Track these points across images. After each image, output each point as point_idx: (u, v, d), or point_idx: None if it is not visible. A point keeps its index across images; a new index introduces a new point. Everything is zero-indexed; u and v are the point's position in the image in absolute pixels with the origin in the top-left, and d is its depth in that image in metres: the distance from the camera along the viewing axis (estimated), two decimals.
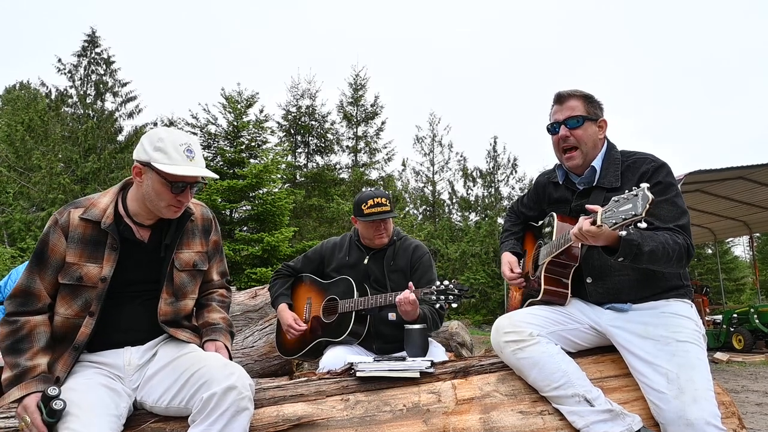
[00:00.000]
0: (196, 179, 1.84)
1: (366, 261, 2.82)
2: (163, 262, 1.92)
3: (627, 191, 1.60)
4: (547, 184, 2.34)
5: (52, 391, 1.59)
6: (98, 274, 1.79)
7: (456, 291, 2.35)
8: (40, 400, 1.60)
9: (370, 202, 2.72)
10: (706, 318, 11.00)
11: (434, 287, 2.38)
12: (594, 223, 1.68)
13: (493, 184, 27.21)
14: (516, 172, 27.22)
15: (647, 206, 1.51)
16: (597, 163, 2.11)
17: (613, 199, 1.63)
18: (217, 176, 2.02)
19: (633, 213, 1.53)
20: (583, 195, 2.14)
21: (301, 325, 2.80)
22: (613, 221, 1.59)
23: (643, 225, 1.53)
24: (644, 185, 1.55)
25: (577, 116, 2.08)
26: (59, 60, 18.18)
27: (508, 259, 2.39)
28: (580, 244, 1.92)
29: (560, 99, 2.14)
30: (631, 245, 1.70)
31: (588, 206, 1.73)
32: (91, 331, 1.77)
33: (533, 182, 2.48)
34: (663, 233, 1.81)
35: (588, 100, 2.12)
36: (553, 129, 2.14)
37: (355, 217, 2.83)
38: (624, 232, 1.59)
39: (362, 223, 2.78)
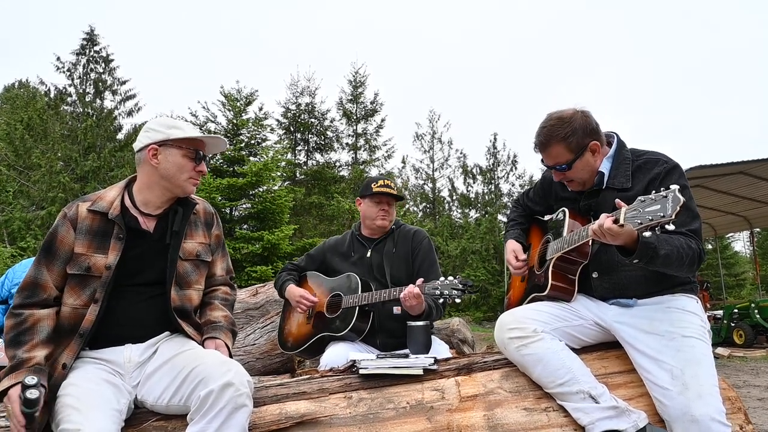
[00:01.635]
0: (209, 147, 2.02)
1: (368, 254, 2.84)
2: (169, 251, 1.94)
3: (654, 192, 1.55)
4: (554, 181, 2.32)
5: (29, 380, 1.53)
6: (105, 264, 1.81)
7: (460, 286, 2.35)
8: (21, 390, 1.56)
9: (381, 182, 2.83)
10: (707, 313, 11.02)
11: (438, 282, 2.37)
12: (616, 221, 1.64)
13: (493, 181, 27.22)
14: (516, 168, 27.27)
15: (678, 209, 1.47)
16: (605, 166, 2.05)
17: (638, 198, 1.58)
18: (228, 144, 2.14)
19: (662, 215, 1.49)
20: (591, 195, 2.11)
21: (312, 297, 2.79)
22: (639, 221, 1.55)
23: (671, 227, 1.50)
24: (674, 187, 1.51)
25: (562, 163, 2.01)
26: (58, 58, 18.14)
27: (513, 247, 2.36)
28: (591, 241, 1.90)
29: (541, 148, 2.05)
30: (648, 248, 1.67)
31: (617, 201, 1.69)
32: (95, 318, 1.78)
33: (541, 176, 2.45)
34: (678, 237, 1.78)
35: (567, 139, 1.97)
36: (546, 168, 2.15)
37: (360, 198, 2.89)
38: (648, 233, 1.56)
39: (368, 202, 2.83)
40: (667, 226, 1.50)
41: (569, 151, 1.99)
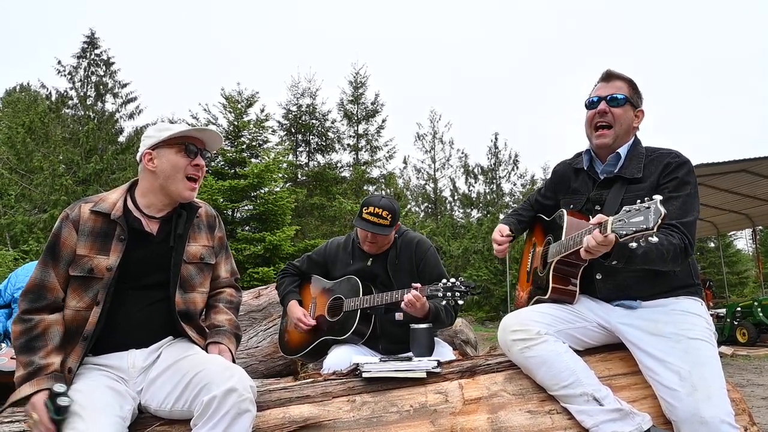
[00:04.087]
0: (204, 142, 1.99)
1: (369, 263, 2.78)
2: (172, 254, 1.93)
3: (639, 201, 1.57)
4: (567, 171, 2.30)
5: (59, 387, 1.59)
6: (106, 265, 1.81)
7: (462, 288, 2.33)
8: (48, 398, 1.59)
9: (371, 209, 2.61)
10: (710, 312, 10.98)
11: (441, 284, 2.36)
12: (604, 232, 1.65)
13: (494, 181, 27.24)
14: (517, 168, 27.28)
15: (659, 221, 1.49)
16: (623, 151, 2.09)
17: (624, 209, 1.61)
18: (224, 139, 2.12)
19: (644, 226, 1.52)
20: (603, 186, 2.11)
21: (311, 320, 2.76)
22: (624, 232, 1.57)
23: (655, 239, 1.52)
24: (657, 197, 1.53)
25: (620, 96, 2.07)
26: (59, 62, 18.15)
27: (499, 226, 2.37)
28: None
29: (608, 77, 2.13)
30: (623, 248, 1.68)
31: (599, 216, 1.72)
32: (97, 320, 1.78)
33: (552, 171, 2.44)
34: (658, 233, 1.79)
35: (633, 86, 2.12)
36: (592, 103, 2.11)
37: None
38: (635, 244, 1.58)
39: (357, 224, 2.73)
40: (651, 239, 1.53)
41: (629, 94, 2.09)
